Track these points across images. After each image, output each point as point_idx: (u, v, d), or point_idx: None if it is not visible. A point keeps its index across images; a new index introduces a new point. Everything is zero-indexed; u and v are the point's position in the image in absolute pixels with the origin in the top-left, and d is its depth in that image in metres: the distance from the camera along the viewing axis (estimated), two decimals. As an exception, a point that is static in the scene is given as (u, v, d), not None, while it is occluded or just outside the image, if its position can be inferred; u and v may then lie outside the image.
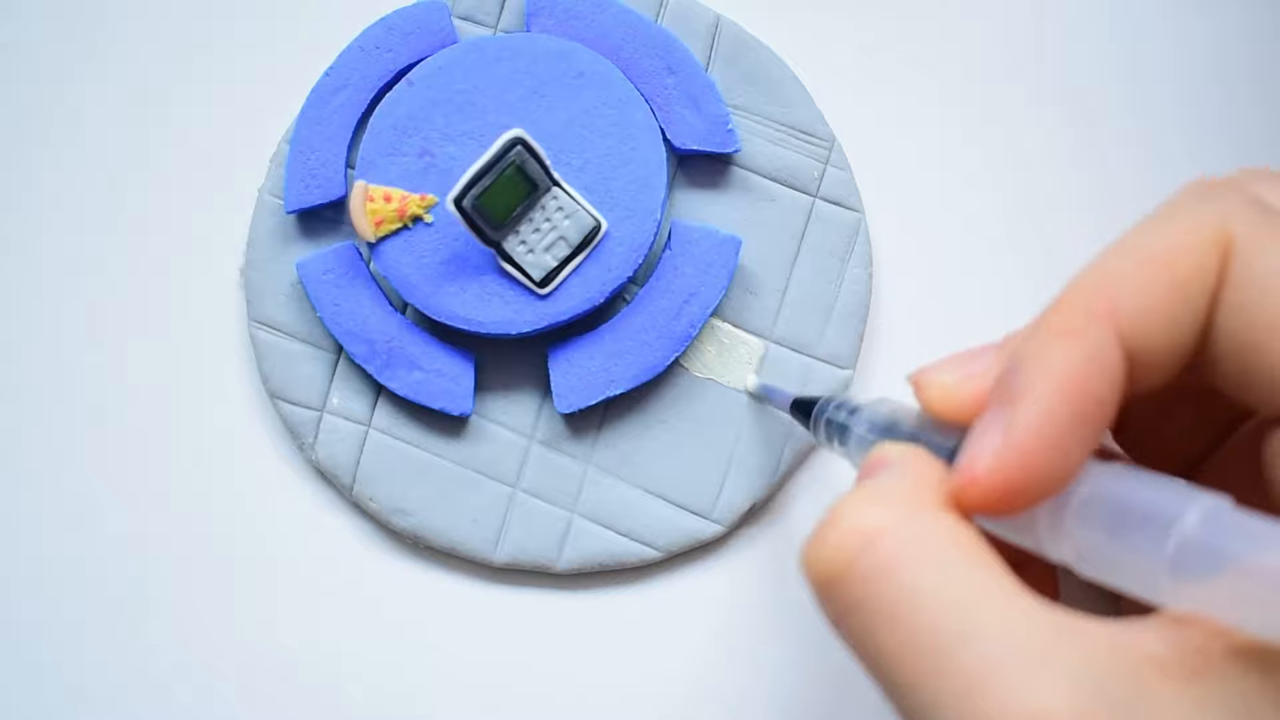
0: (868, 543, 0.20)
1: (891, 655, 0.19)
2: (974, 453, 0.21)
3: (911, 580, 0.20)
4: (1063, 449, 0.20)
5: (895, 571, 0.20)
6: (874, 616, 0.20)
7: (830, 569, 0.20)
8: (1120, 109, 0.35)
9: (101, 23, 0.35)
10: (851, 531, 0.20)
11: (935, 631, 0.19)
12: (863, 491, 0.21)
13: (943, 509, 0.21)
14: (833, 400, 0.28)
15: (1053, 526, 0.21)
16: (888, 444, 0.23)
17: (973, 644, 0.19)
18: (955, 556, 0.20)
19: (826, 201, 0.33)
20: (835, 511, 0.21)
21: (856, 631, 0.20)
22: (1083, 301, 0.21)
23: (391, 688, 0.33)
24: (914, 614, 0.19)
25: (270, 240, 0.33)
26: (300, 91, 0.33)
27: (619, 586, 0.33)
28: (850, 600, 0.20)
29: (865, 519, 0.20)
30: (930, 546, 0.20)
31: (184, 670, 0.33)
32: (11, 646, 0.34)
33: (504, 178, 0.30)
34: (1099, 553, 0.20)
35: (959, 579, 0.19)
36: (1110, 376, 0.20)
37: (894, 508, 0.21)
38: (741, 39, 0.34)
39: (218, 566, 0.34)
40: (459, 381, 0.32)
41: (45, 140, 0.35)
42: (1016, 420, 0.20)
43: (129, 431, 0.34)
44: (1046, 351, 0.20)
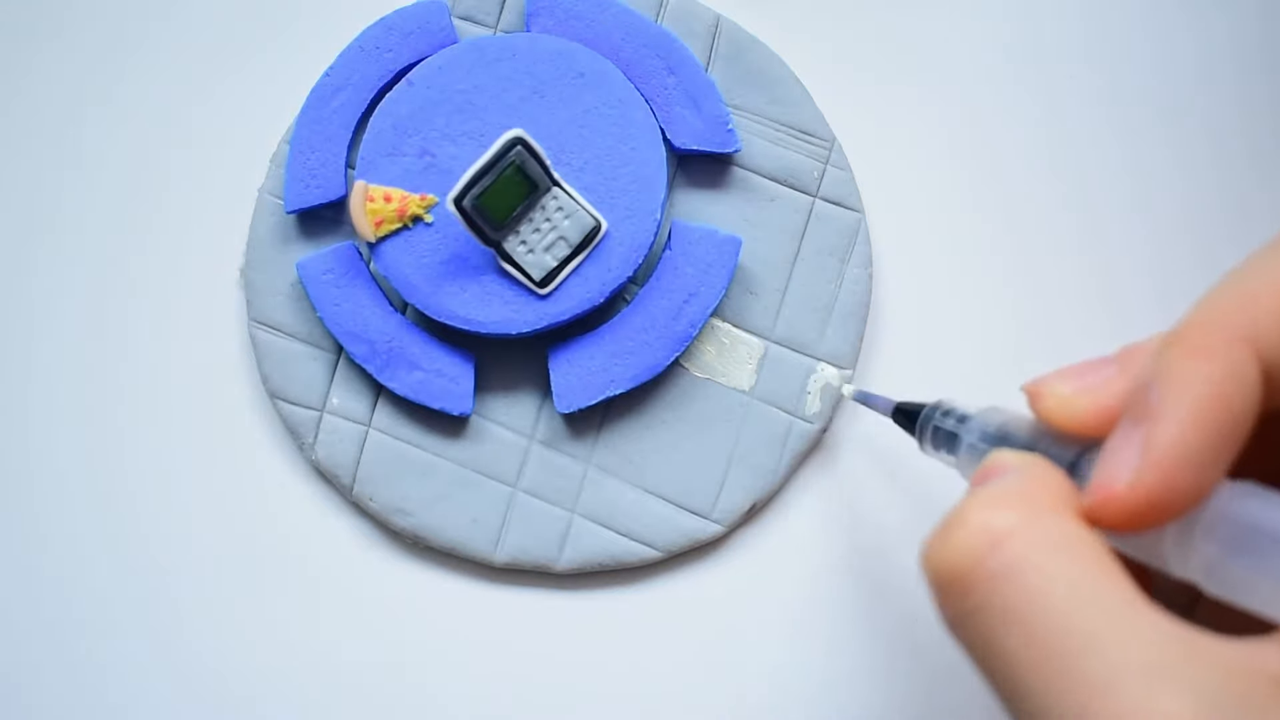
0: (995, 543, 0.20)
1: (1013, 657, 0.19)
2: (1111, 469, 0.20)
3: (1039, 583, 0.19)
4: (1201, 468, 0.20)
5: (1023, 573, 0.20)
6: (998, 617, 0.20)
7: (955, 567, 0.20)
8: (1121, 108, 0.35)
9: (101, 23, 0.35)
10: (978, 531, 0.20)
11: (1062, 635, 0.19)
12: (988, 492, 0.21)
13: (1069, 515, 0.21)
14: (939, 407, 0.28)
15: (1180, 543, 0.21)
16: (1007, 452, 0.23)
17: (1098, 651, 0.19)
18: (1083, 562, 0.20)
19: (826, 201, 0.33)
20: (960, 511, 0.21)
21: (978, 632, 0.20)
22: (1221, 320, 0.21)
23: (391, 687, 0.33)
24: (1040, 617, 0.19)
25: (270, 240, 0.33)
26: (300, 91, 0.33)
27: (619, 586, 0.33)
28: (974, 600, 0.20)
29: (993, 520, 0.20)
30: (1058, 550, 0.20)
31: (183, 670, 0.33)
32: (9, 646, 0.33)
33: (504, 178, 0.30)
34: (1230, 571, 0.20)
35: (1086, 585, 0.19)
36: (1248, 396, 0.20)
37: (1020, 510, 0.20)
38: (741, 39, 0.34)
39: (217, 566, 0.34)
40: (459, 381, 0.32)
41: (45, 140, 0.35)
42: (1156, 438, 0.20)
43: (129, 431, 0.34)
44: (1185, 369, 0.20)
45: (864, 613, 0.33)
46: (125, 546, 0.34)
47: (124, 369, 0.34)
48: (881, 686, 0.33)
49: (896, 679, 0.33)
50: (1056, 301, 0.34)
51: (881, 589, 0.33)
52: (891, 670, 0.33)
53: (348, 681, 0.33)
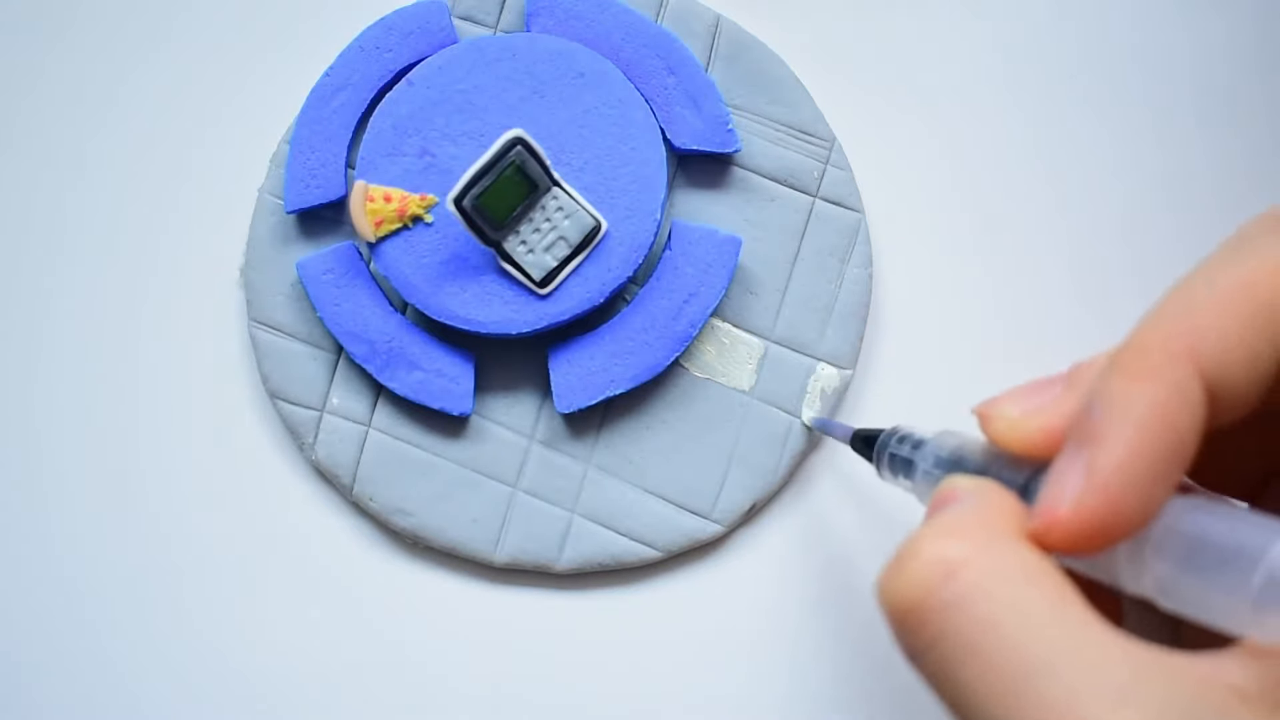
0: (948, 573, 0.20)
1: (971, 686, 0.19)
2: (1055, 493, 0.20)
3: (993, 611, 0.20)
4: (1146, 489, 0.20)
5: (976, 602, 0.20)
6: (954, 647, 0.20)
7: (909, 599, 0.20)
8: (1120, 109, 0.35)
9: (102, 23, 0.35)
10: (931, 562, 0.20)
11: (1018, 663, 0.19)
12: (939, 523, 0.21)
13: (1021, 540, 0.21)
14: (895, 433, 0.28)
15: (1133, 561, 0.21)
16: (958, 477, 0.23)
17: (1056, 676, 0.19)
18: (1036, 588, 0.20)
19: (826, 201, 0.33)
20: (913, 542, 0.21)
21: (935, 662, 0.20)
22: (1161, 339, 0.21)
23: (391, 687, 0.33)
24: (996, 645, 0.19)
25: (270, 240, 0.33)
26: (300, 91, 0.33)
27: (619, 586, 0.33)
28: (930, 631, 0.20)
29: (945, 550, 0.20)
30: (1011, 578, 0.20)
31: (183, 669, 0.33)
32: (8, 646, 0.33)
33: (504, 178, 0.30)
34: (1182, 586, 0.20)
35: (1041, 610, 0.19)
36: (1192, 414, 0.20)
37: (973, 539, 0.21)
38: (741, 39, 0.34)
39: (217, 566, 0.34)
40: (459, 381, 0.32)
41: (45, 140, 0.35)
42: (1098, 461, 0.20)
43: (129, 431, 0.34)
44: (1127, 390, 0.20)
45: (864, 612, 0.33)
46: (125, 546, 0.34)
47: (124, 369, 0.34)
48: (881, 686, 0.33)
49: (896, 678, 0.33)
50: (1056, 301, 0.34)
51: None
52: (891, 670, 0.33)
53: (348, 681, 0.33)
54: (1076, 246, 0.34)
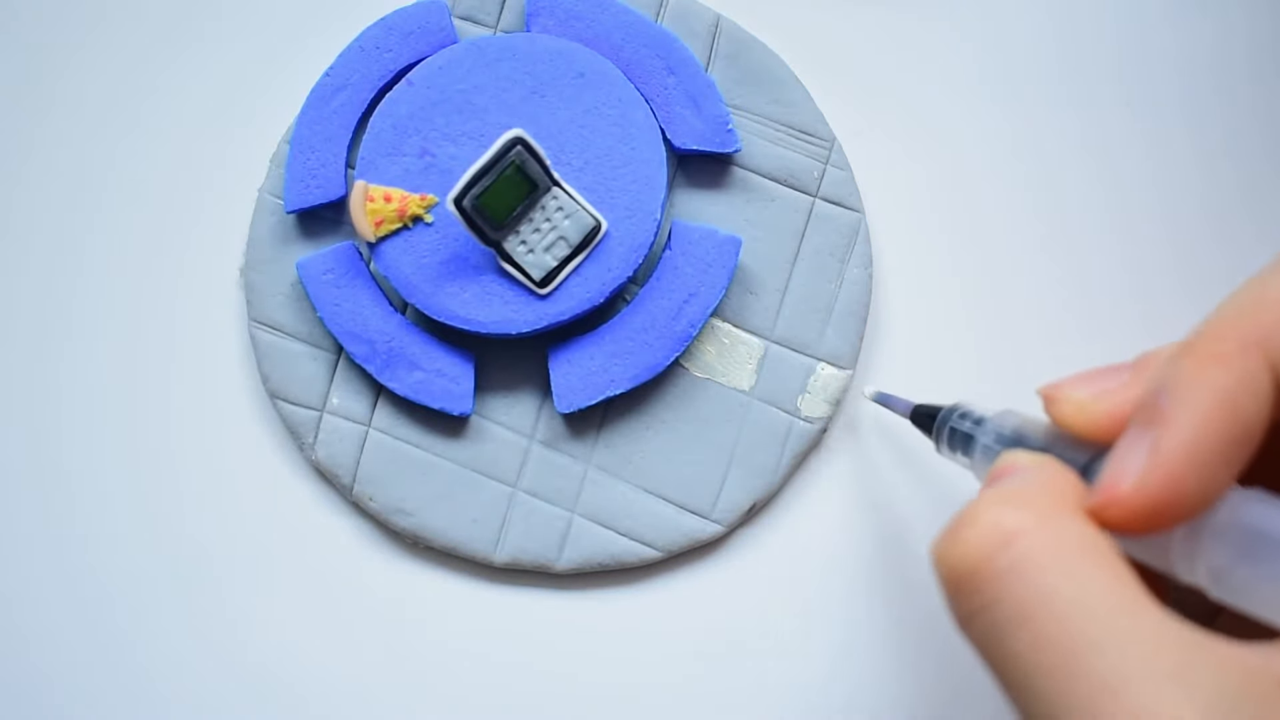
0: (1005, 541, 0.20)
1: (1022, 656, 0.19)
2: (1118, 471, 0.21)
3: (1048, 582, 0.20)
4: (1208, 473, 0.20)
5: (1032, 572, 0.20)
6: (1007, 616, 0.20)
7: (965, 565, 0.20)
8: (1121, 109, 0.35)
9: (102, 23, 0.35)
10: (989, 529, 0.20)
11: (1070, 636, 0.19)
12: (999, 491, 0.21)
13: (1080, 515, 0.21)
14: (956, 409, 0.28)
15: (1187, 548, 0.21)
16: (1018, 452, 0.23)
17: (1107, 652, 0.19)
18: (1092, 562, 0.20)
19: (826, 201, 0.33)
20: (972, 509, 0.21)
21: (986, 630, 0.20)
22: (1234, 327, 0.21)
23: (391, 687, 0.33)
24: (1049, 617, 0.19)
25: (270, 240, 0.33)
26: (300, 91, 0.33)
27: (619, 586, 0.33)
28: (983, 598, 0.20)
29: (1003, 518, 0.20)
30: (1068, 550, 0.20)
31: (182, 670, 0.33)
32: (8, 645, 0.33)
33: (504, 178, 0.30)
34: (1236, 577, 0.20)
35: (1095, 585, 0.20)
36: (1260, 403, 0.20)
37: (1033, 509, 0.21)
38: (741, 39, 0.34)
39: (217, 566, 0.34)
40: (459, 381, 0.32)
41: (45, 140, 0.35)
42: (1164, 442, 0.20)
43: (129, 431, 0.34)
44: (1197, 375, 0.20)
45: (864, 612, 0.33)
46: (125, 546, 0.34)
47: (124, 369, 0.34)
48: (881, 685, 0.33)
49: (896, 678, 0.33)
50: (1056, 301, 0.34)
51: (881, 588, 0.33)
52: (891, 669, 0.33)
53: (347, 681, 0.33)
54: (1076, 246, 0.34)
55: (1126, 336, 0.32)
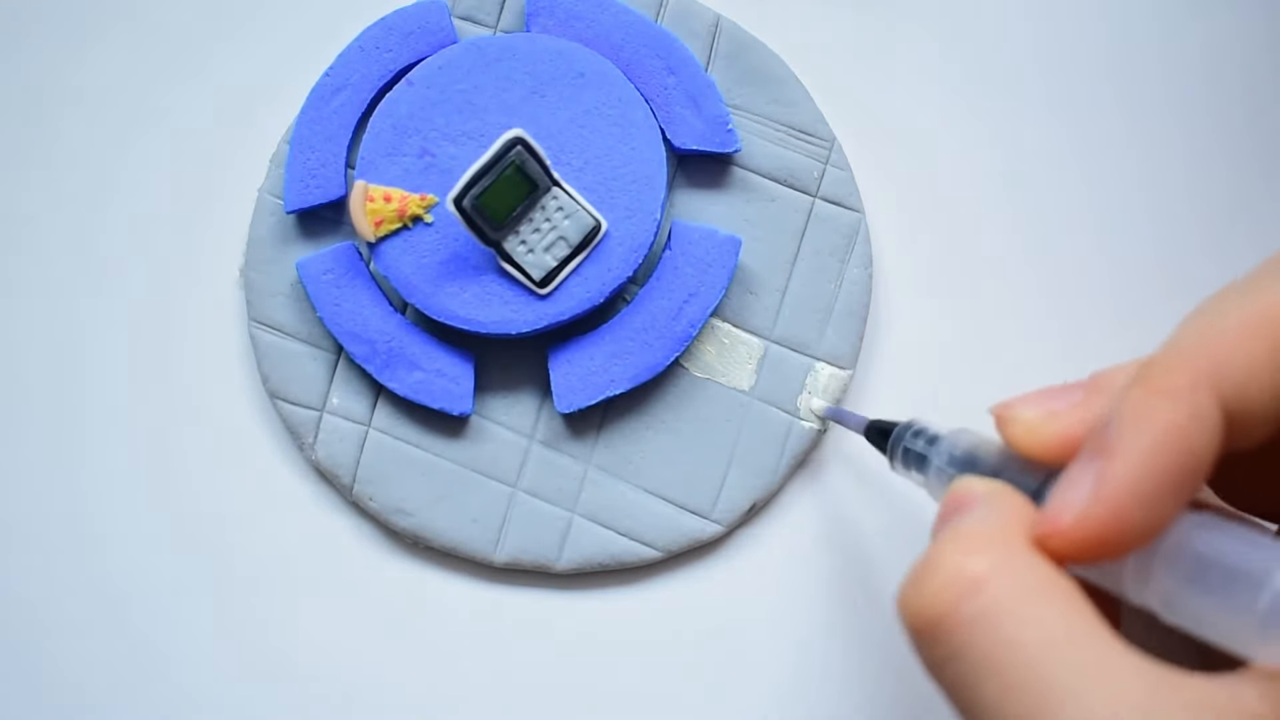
0: (969, 590, 0.20)
1: (990, 702, 0.20)
2: (1061, 502, 0.21)
3: (1015, 631, 0.20)
4: (1154, 505, 0.20)
5: (996, 620, 0.20)
6: (976, 664, 0.20)
7: (930, 614, 0.21)
8: (1120, 109, 0.35)
9: (101, 22, 0.35)
10: (951, 577, 0.20)
11: (1037, 683, 0.19)
12: (958, 534, 0.21)
13: (1039, 554, 0.21)
14: (910, 427, 0.28)
15: (1139, 573, 0.21)
16: (972, 479, 0.23)
17: (1074, 698, 0.19)
18: (1057, 607, 0.20)
19: (826, 201, 0.33)
20: (932, 556, 0.21)
21: (954, 676, 0.20)
22: (1185, 359, 0.21)
23: (391, 687, 0.33)
24: (1016, 664, 0.19)
25: (270, 240, 0.33)
26: (300, 91, 0.33)
27: (619, 586, 0.33)
28: (951, 647, 0.20)
29: (965, 565, 0.20)
30: (1032, 596, 0.20)
31: (182, 670, 0.33)
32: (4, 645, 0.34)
33: (504, 178, 0.30)
34: (1186, 603, 0.20)
35: (1061, 631, 0.20)
36: (1207, 437, 0.20)
37: (992, 553, 0.21)
38: (741, 39, 0.34)
39: (217, 566, 0.34)
40: (459, 381, 0.32)
41: (45, 140, 0.35)
42: (1109, 474, 0.20)
43: (129, 431, 0.34)
44: (1144, 409, 0.20)
45: (863, 612, 0.33)
46: (125, 546, 0.34)
47: (124, 369, 0.34)
48: (881, 685, 0.33)
49: (896, 678, 0.33)
50: (1056, 301, 0.34)
51: (880, 588, 0.33)
52: (891, 669, 0.33)
53: (347, 681, 0.33)
54: (1076, 246, 0.34)
55: (1127, 336, 0.32)
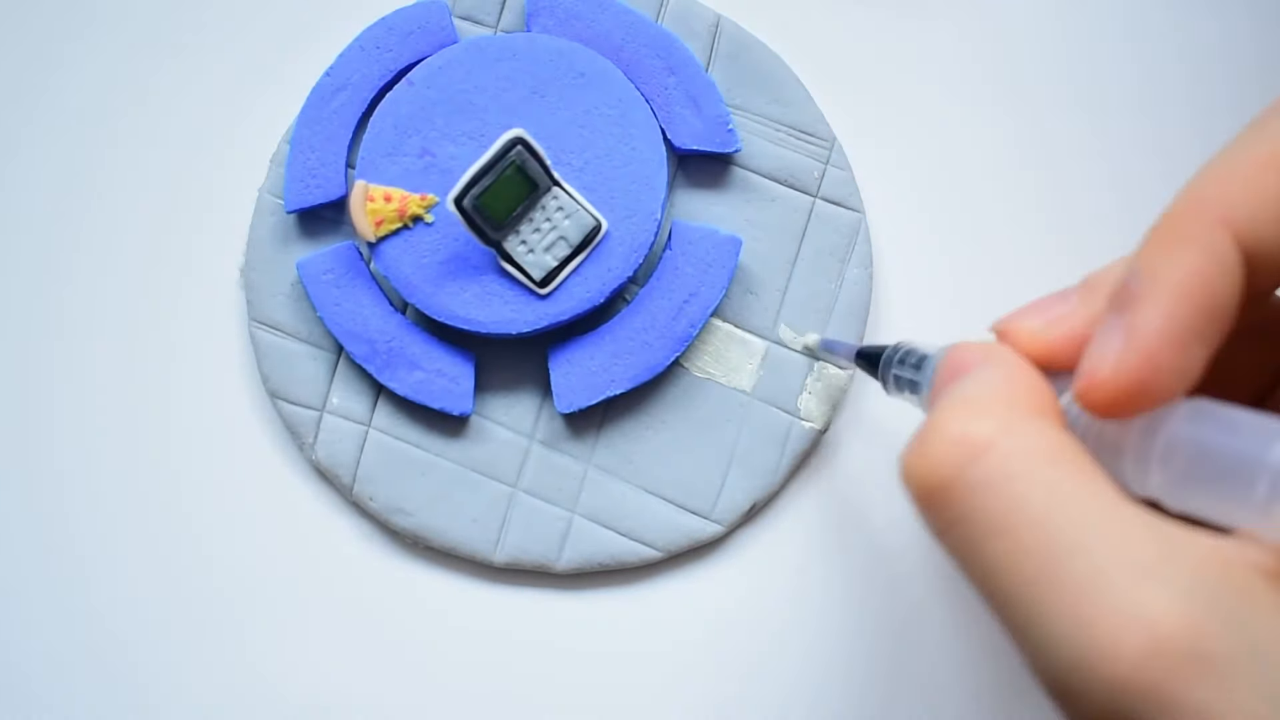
0: (974, 454, 0.20)
1: (999, 566, 0.19)
2: (1097, 356, 0.21)
3: (1021, 491, 0.20)
4: (1185, 349, 0.20)
5: (1004, 483, 0.20)
6: (982, 528, 0.20)
7: (935, 479, 0.20)
8: (1121, 108, 0.35)
9: (101, 22, 0.35)
10: (956, 441, 0.20)
11: (1045, 542, 0.19)
12: (961, 399, 0.21)
13: (1044, 417, 0.21)
14: (899, 350, 0.27)
15: (1140, 463, 0.21)
16: (969, 344, 0.23)
17: (1084, 554, 0.19)
18: (1062, 467, 0.20)
19: (826, 201, 0.33)
20: (936, 420, 0.21)
21: (962, 542, 0.20)
22: (1196, 208, 0.21)
23: (391, 687, 0.33)
24: (1024, 525, 0.19)
25: (270, 240, 0.33)
26: (300, 91, 0.33)
27: (619, 586, 0.33)
28: (957, 512, 0.20)
29: (969, 428, 0.20)
30: (1038, 457, 0.20)
31: (179, 669, 0.33)
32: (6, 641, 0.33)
33: (504, 177, 0.30)
34: (1189, 490, 0.20)
35: (1067, 489, 0.20)
36: (1228, 278, 0.20)
37: (997, 416, 0.20)
38: (741, 39, 0.34)
39: (216, 567, 0.34)
40: (459, 381, 0.32)
41: (44, 141, 0.35)
42: (1138, 323, 0.20)
43: (129, 431, 0.34)
44: (1165, 256, 0.20)
45: (864, 612, 0.33)
46: (124, 545, 0.34)
47: (124, 369, 0.34)
48: (881, 685, 0.33)
49: (896, 678, 0.33)
50: (1056, 301, 0.34)
51: (881, 588, 0.33)
52: (891, 669, 0.33)
53: (347, 681, 0.33)
54: (1076, 246, 0.34)
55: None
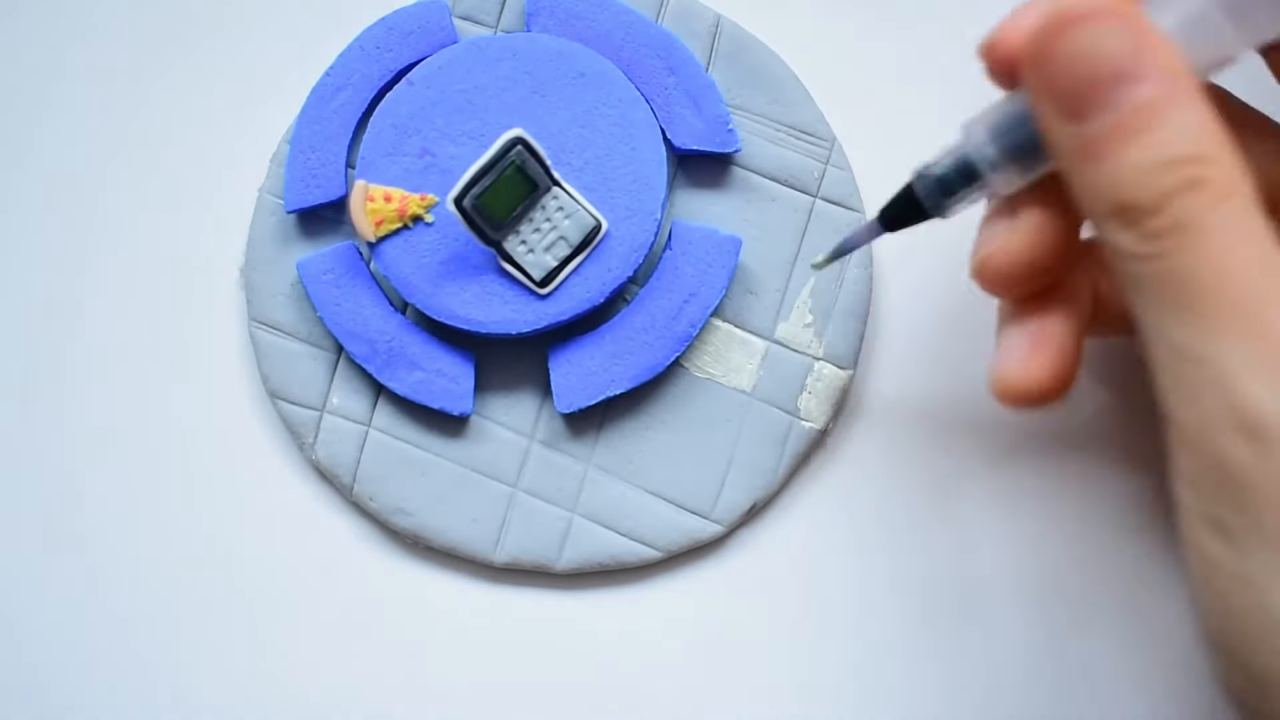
0: (1193, 184, 0.21)
1: (1175, 317, 0.21)
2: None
3: (1224, 250, 0.21)
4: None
5: (1210, 237, 0.21)
6: (1179, 262, 0.21)
7: (1145, 196, 0.21)
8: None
9: (101, 22, 0.35)
10: (1178, 163, 0.21)
11: (1235, 300, 0.21)
12: (1170, 119, 0.21)
13: (1250, 195, 0.21)
14: (925, 168, 0.27)
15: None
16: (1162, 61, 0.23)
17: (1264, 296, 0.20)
18: (1261, 238, 0.21)
19: (826, 201, 0.33)
20: (1159, 120, 0.21)
21: (1161, 273, 0.21)
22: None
23: (391, 688, 0.33)
24: (1222, 286, 0.21)
25: (270, 240, 0.33)
26: (300, 91, 0.33)
27: (619, 586, 0.33)
28: (1161, 246, 0.21)
29: (1186, 154, 0.21)
30: (1243, 219, 0.21)
31: (179, 669, 0.33)
32: (6, 644, 0.33)
33: (504, 177, 0.30)
34: None
35: (1267, 251, 0.21)
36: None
37: (1211, 157, 0.21)
38: (741, 39, 0.34)
39: (216, 567, 0.34)
40: (459, 381, 0.32)
41: (44, 140, 0.35)
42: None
43: (129, 431, 0.34)
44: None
45: (864, 613, 0.33)
46: (123, 545, 0.34)
47: (124, 369, 0.34)
48: (881, 686, 0.33)
49: (896, 679, 0.33)
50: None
51: (882, 589, 0.33)
52: (891, 670, 0.33)
53: (346, 682, 0.33)
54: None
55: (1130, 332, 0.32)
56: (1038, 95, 0.23)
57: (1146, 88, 0.21)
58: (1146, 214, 0.21)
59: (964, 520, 0.33)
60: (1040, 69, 0.22)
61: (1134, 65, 0.21)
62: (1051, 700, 0.32)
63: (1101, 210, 0.22)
